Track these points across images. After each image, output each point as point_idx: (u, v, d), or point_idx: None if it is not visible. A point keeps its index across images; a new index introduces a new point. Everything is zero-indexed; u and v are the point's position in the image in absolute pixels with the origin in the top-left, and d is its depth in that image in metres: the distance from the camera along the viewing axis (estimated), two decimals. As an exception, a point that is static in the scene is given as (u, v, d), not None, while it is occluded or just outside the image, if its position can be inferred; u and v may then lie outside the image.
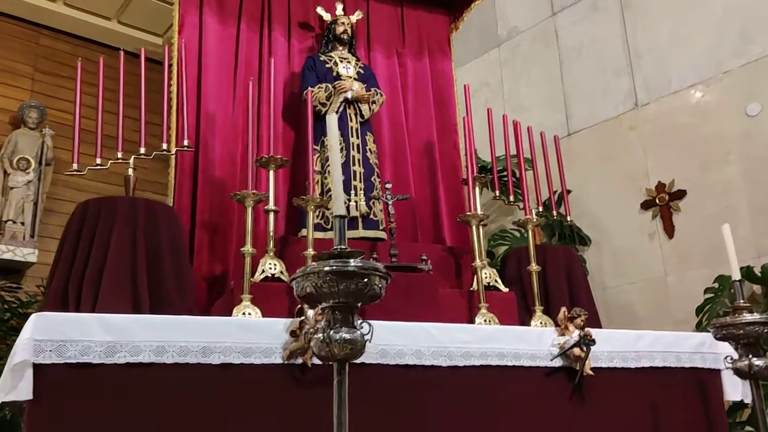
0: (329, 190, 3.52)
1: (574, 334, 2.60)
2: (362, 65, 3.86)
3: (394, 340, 2.37)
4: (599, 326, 3.58)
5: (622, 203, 4.82)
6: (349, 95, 3.63)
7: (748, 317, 2.30)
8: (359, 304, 1.53)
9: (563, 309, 2.66)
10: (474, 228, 3.12)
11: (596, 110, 5.11)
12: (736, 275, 2.39)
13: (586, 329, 2.61)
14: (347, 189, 3.49)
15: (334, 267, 1.45)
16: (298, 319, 2.22)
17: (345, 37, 3.82)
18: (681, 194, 4.53)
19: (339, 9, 3.91)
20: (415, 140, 4.13)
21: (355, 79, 3.73)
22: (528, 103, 5.62)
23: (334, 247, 1.54)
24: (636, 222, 4.72)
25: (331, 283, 1.45)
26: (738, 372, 2.33)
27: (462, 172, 4.10)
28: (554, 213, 3.95)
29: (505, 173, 4.63)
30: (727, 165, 4.33)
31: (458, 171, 4.12)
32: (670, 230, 4.55)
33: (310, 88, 3.63)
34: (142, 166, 3.16)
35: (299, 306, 2.25)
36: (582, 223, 5.01)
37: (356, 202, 3.44)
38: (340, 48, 3.84)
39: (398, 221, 3.93)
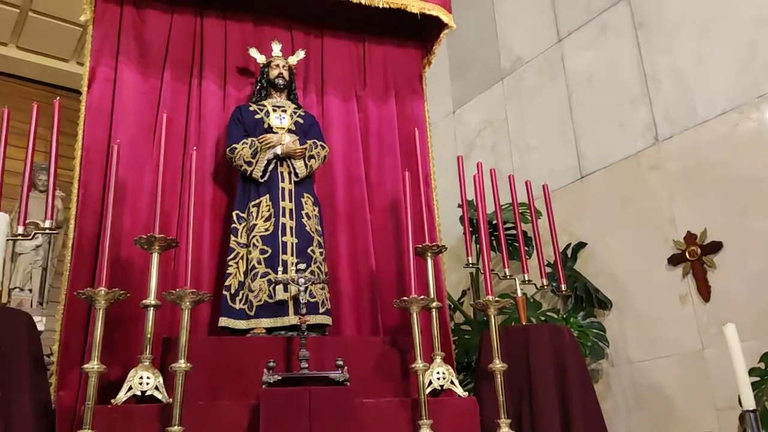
0: (254, 267, 2.89)
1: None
2: (303, 114, 3.23)
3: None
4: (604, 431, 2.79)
5: (646, 258, 3.98)
6: (278, 150, 3.00)
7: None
8: None
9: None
10: (415, 316, 2.41)
11: (611, 148, 4.32)
12: (749, 404, 1.59)
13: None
14: (274, 265, 2.84)
15: None
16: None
17: (280, 82, 3.21)
18: (716, 247, 3.67)
19: (276, 49, 3.32)
20: (378, 198, 3.45)
21: (290, 130, 3.11)
22: (535, 142, 4.88)
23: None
24: (663, 281, 3.86)
25: None
26: None
27: (436, 235, 3.38)
28: (544, 282, 3.23)
29: (507, 230, 3.92)
30: (771, 210, 3.48)
31: (432, 234, 3.36)
32: (705, 292, 3.68)
33: (233, 144, 3.04)
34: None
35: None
36: (600, 283, 4.19)
37: (285, 281, 2.76)
38: (276, 95, 3.23)
39: (353, 302, 3.24)
